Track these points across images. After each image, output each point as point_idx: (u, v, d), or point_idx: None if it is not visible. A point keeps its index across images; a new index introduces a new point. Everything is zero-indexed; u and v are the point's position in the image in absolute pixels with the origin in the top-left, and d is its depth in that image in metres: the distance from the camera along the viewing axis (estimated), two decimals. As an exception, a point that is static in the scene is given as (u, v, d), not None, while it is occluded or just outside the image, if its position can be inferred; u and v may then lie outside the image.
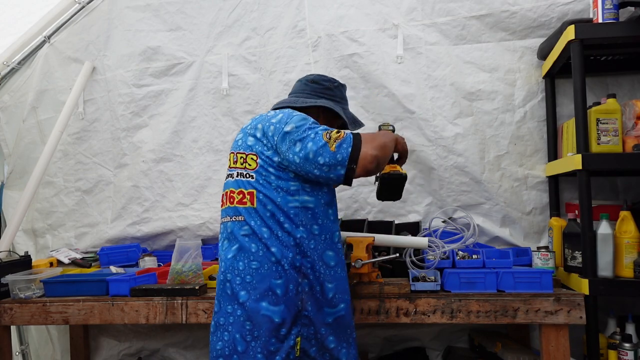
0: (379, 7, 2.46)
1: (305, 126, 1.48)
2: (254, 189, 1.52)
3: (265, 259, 1.49)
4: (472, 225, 2.13)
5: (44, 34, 2.83)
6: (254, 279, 1.48)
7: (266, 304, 1.47)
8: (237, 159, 1.58)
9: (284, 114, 1.53)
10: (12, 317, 2.08)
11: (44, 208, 2.86)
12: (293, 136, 1.47)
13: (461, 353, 2.36)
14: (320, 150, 1.43)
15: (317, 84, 1.73)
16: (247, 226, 1.51)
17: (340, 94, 1.77)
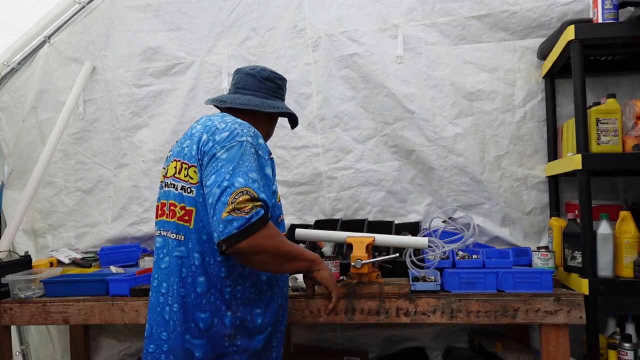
0: (379, 7, 2.46)
1: (232, 165, 1.29)
2: (193, 207, 1.36)
3: (192, 290, 1.36)
4: (472, 225, 2.13)
5: (44, 34, 2.83)
6: (182, 308, 1.37)
7: (189, 337, 1.36)
8: (181, 168, 1.40)
9: (229, 134, 1.35)
10: (12, 317, 2.08)
11: (44, 208, 2.86)
12: (217, 165, 1.30)
13: (461, 353, 2.36)
14: (217, 204, 1.24)
15: (272, 83, 1.61)
16: (184, 248, 1.38)
17: (284, 92, 1.70)
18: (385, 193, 2.49)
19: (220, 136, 1.34)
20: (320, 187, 2.54)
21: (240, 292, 1.39)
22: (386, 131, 2.47)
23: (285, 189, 2.56)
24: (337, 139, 2.51)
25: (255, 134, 1.40)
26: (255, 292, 1.43)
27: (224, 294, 1.37)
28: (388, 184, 2.48)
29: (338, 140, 2.51)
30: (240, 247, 1.23)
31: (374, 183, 2.49)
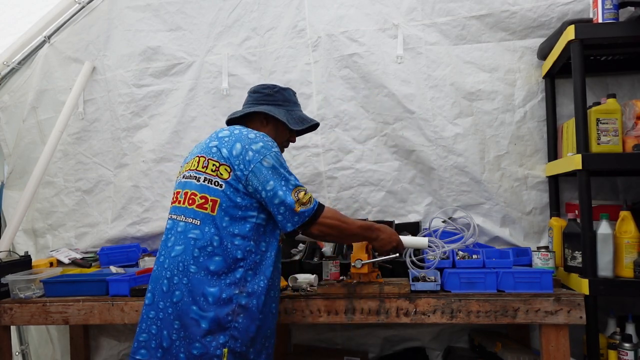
0: (379, 7, 2.46)
1: (280, 170, 1.57)
2: (218, 198, 1.55)
3: (204, 267, 1.52)
4: (472, 225, 2.13)
5: (44, 34, 2.83)
6: (190, 282, 1.51)
7: (196, 308, 1.49)
8: (208, 164, 1.59)
9: (264, 144, 1.58)
10: (12, 317, 2.08)
11: (44, 208, 2.86)
12: (268, 173, 1.55)
13: (461, 353, 2.36)
14: (286, 204, 1.54)
15: (257, 93, 1.79)
16: (199, 231, 1.54)
17: (283, 97, 1.79)
18: (385, 193, 2.49)
19: (257, 146, 1.57)
20: (321, 187, 2.54)
21: (251, 276, 1.55)
22: (386, 131, 2.47)
23: (285, 189, 2.56)
24: (337, 139, 2.51)
25: (274, 142, 1.65)
26: (264, 280, 1.57)
27: (236, 273, 1.52)
28: (388, 184, 2.48)
29: (338, 140, 2.51)
30: (310, 232, 1.60)
31: (374, 183, 2.49)
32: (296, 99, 1.85)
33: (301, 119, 1.81)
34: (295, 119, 1.78)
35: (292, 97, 1.83)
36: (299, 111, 1.84)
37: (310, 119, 1.85)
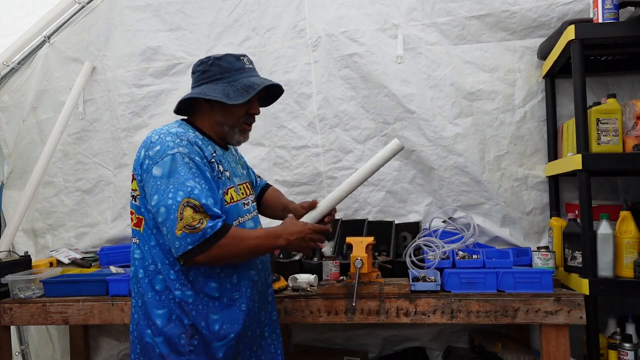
0: (379, 7, 2.46)
1: (170, 179, 1.35)
2: (142, 216, 1.44)
3: (151, 287, 1.44)
4: (472, 225, 2.13)
5: (44, 34, 2.83)
6: (144, 304, 1.46)
7: (150, 331, 1.44)
8: (133, 179, 1.48)
9: (161, 147, 1.38)
10: (12, 317, 2.07)
11: (44, 208, 2.86)
12: (155, 184, 1.36)
13: (461, 353, 2.36)
14: (167, 224, 1.34)
15: (195, 74, 1.55)
16: (140, 250, 1.47)
17: (220, 69, 1.49)
18: (385, 193, 2.48)
19: (153, 151, 1.39)
20: (320, 187, 2.54)
21: (192, 297, 1.44)
22: (386, 131, 2.47)
23: (285, 189, 2.56)
24: (337, 139, 2.51)
25: (190, 141, 1.41)
26: (207, 298, 1.44)
27: (176, 296, 1.43)
28: (388, 184, 2.48)
29: (338, 140, 2.51)
30: (197, 261, 1.37)
31: (374, 183, 2.49)
32: (242, 63, 1.52)
33: (246, 88, 1.46)
34: (238, 89, 1.46)
35: (233, 64, 1.51)
36: (246, 77, 1.50)
37: (263, 81, 1.51)
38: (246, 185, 1.65)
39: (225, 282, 1.47)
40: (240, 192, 1.57)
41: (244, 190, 1.61)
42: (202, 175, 1.39)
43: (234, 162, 1.63)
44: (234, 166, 1.61)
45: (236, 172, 1.61)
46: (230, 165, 1.58)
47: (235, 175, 1.58)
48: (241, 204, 1.55)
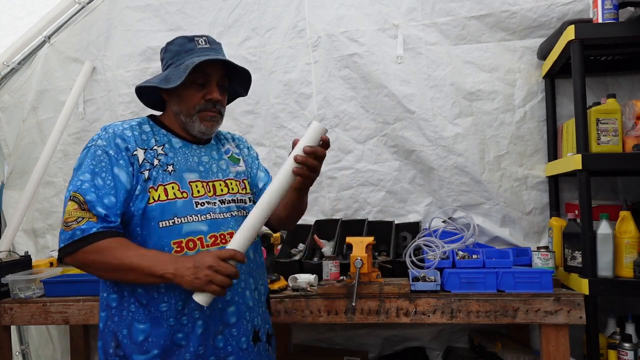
0: (379, 7, 2.46)
1: (76, 171, 1.30)
2: None
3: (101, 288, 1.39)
4: (472, 225, 2.13)
5: (44, 34, 2.83)
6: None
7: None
8: None
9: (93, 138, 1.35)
10: (12, 317, 2.08)
11: (44, 208, 2.86)
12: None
13: (461, 353, 2.36)
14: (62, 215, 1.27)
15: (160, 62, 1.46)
16: None
17: (170, 54, 1.40)
18: (385, 193, 2.49)
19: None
20: (320, 187, 2.54)
21: (115, 300, 1.32)
22: (386, 131, 2.47)
23: (285, 189, 2.56)
24: (337, 139, 2.51)
25: (115, 132, 1.33)
26: (136, 304, 1.30)
27: (102, 298, 1.36)
28: (388, 184, 2.48)
29: (338, 140, 2.51)
30: (66, 261, 1.27)
31: (374, 183, 2.49)
32: (195, 44, 1.38)
33: (185, 69, 1.32)
34: (180, 72, 1.33)
35: (184, 46, 1.39)
36: (192, 57, 1.35)
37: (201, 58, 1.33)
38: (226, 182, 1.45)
39: (152, 289, 1.29)
40: (196, 189, 1.36)
41: (214, 187, 1.41)
42: (109, 170, 1.28)
43: (206, 156, 1.45)
44: (199, 161, 1.42)
45: (199, 168, 1.41)
46: (188, 160, 1.40)
47: (192, 170, 1.39)
48: (191, 202, 1.34)
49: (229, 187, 1.46)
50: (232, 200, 1.45)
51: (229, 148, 1.56)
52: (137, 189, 1.30)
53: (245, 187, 1.52)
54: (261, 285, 1.51)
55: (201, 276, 1.15)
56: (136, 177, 1.31)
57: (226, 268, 1.17)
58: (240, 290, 1.38)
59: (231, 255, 1.18)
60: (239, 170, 1.54)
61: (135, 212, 1.29)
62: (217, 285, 1.15)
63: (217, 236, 1.36)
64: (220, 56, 1.39)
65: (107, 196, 1.26)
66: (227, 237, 1.36)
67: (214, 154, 1.49)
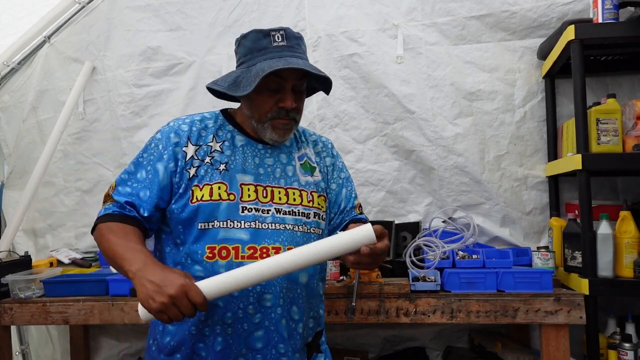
0: (379, 7, 2.46)
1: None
2: None
3: None
4: (472, 225, 2.13)
5: (44, 34, 2.82)
6: None
7: None
8: None
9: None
10: (12, 317, 2.07)
11: (44, 208, 2.86)
12: None
13: (461, 353, 2.36)
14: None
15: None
16: None
17: (244, 50, 1.29)
18: (385, 193, 2.49)
19: None
20: (320, 187, 2.54)
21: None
22: (386, 131, 2.47)
23: (285, 189, 2.56)
24: (337, 139, 2.51)
25: (172, 128, 1.29)
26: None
27: None
28: (388, 184, 2.48)
29: (338, 140, 2.51)
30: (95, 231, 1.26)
31: (374, 183, 2.49)
32: (269, 41, 1.24)
33: (255, 75, 1.19)
34: (252, 76, 1.21)
35: (257, 43, 1.25)
36: (265, 60, 1.22)
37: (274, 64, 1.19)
38: (287, 191, 1.30)
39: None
40: (247, 192, 1.25)
41: (272, 194, 1.28)
42: (152, 164, 1.26)
43: (271, 159, 1.32)
44: (260, 163, 1.30)
45: (257, 171, 1.29)
46: (247, 160, 1.29)
47: (248, 172, 1.27)
48: (237, 206, 1.23)
49: (290, 196, 1.30)
50: (289, 212, 1.28)
51: (306, 153, 1.40)
52: (180, 186, 1.24)
53: (312, 200, 1.33)
54: (310, 319, 1.32)
55: (157, 300, 1.01)
56: (180, 173, 1.25)
57: (186, 307, 1.02)
58: (273, 315, 1.23)
59: (195, 302, 1.03)
60: (310, 181, 1.36)
61: (176, 210, 1.24)
62: (167, 317, 1.03)
63: (257, 248, 1.22)
64: (295, 59, 1.23)
65: (144, 189, 1.24)
66: (271, 251, 1.22)
67: (283, 157, 1.35)
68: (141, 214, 1.23)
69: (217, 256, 1.21)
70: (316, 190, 1.36)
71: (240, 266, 1.14)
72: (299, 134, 1.44)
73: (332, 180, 1.43)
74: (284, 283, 1.24)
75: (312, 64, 1.27)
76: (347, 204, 1.44)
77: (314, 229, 1.32)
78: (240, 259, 1.20)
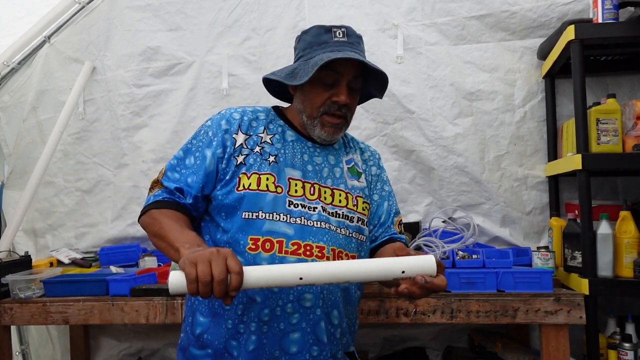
0: (379, 7, 2.46)
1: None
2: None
3: None
4: (472, 225, 2.13)
5: (44, 34, 2.82)
6: None
7: None
8: None
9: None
10: (12, 317, 2.07)
11: (44, 208, 2.86)
12: None
13: (461, 353, 2.36)
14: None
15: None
16: None
17: (304, 44, 1.29)
18: (385, 193, 2.48)
19: None
20: (320, 187, 2.54)
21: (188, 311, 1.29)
22: (386, 131, 2.47)
23: (285, 189, 2.56)
24: (337, 139, 2.51)
25: (223, 115, 1.29)
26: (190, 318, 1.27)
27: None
28: (388, 184, 2.48)
29: (338, 140, 2.51)
30: (139, 223, 1.25)
31: (374, 183, 2.49)
32: (331, 36, 1.24)
33: (314, 65, 1.18)
34: (310, 67, 1.20)
35: (318, 38, 1.25)
36: (326, 52, 1.21)
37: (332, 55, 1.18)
38: (333, 191, 1.28)
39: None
40: (295, 187, 1.23)
41: (319, 192, 1.25)
42: (201, 150, 1.25)
43: (320, 158, 1.30)
44: (309, 160, 1.29)
45: (306, 167, 1.27)
46: (296, 156, 1.27)
47: (296, 167, 1.25)
48: (284, 200, 1.20)
49: (336, 197, 1.27)
50: (334, 213, 1.25)
51: (354, 158, 1.38)
52: (227, 172, 1.22)
53: (357, 205, 1.30)
54: (347, 326, 1.28)
55: (195, 257, 0.93)
56: (227, 160, 1.23)
57: (220, 269, 0.91)
58: (312, 316, 1.18)
59: (231, 269, 0.92)
60: (357, 185, 1.34)
61: (220, 196, 1.21)
62: (195, 277, 0.91)
63: (301, 245, 1.18)
64: (355, 53, 1.21)
65: (191, 175, 1.22)
66: (315, 249, 1.18)
67: (331, 158, 1.33)
68: (188, 200, 1.22)
69: (260, 248, 1.17)
70: (362, 196, 1.33)
71: (283, 261, 1.13)
72: (347, 140, 1.43)
73: (375, 192, 1.39)
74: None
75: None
76: (387, 219, 1.39)
77: (356, 234, 1.28)
78: (284, 254, 1.17)
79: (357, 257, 1.28)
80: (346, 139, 1.43)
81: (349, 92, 1.25)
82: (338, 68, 1.21)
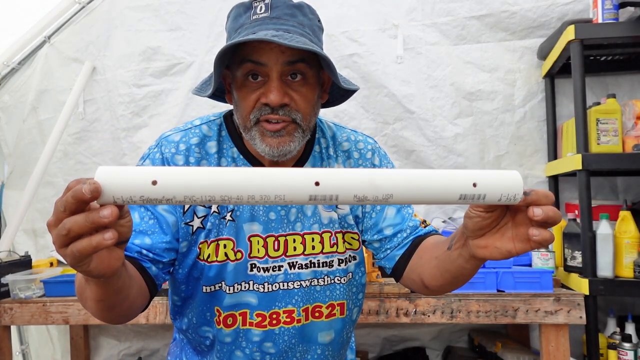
0: (378, 7, 2.46)
1: None
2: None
3: None
4: (472, 225, 2.13)
5: (44, 34, 2.82)
6: None
7: None
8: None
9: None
10: (12, 317, 2.08)
11: (44, 208, 2.86)
12: None
13: (461, 353, 2.36)
14: None
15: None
16: None
17: (227, 33, 0.99)
18: (385, 193, 2.48)
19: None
20: (320, 187, 2.54)
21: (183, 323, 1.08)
22: (386, 131, 2.47)
23: (285, 189, 2.56)
24: (337, 139, 2.51)
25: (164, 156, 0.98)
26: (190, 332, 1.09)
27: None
28: (388, 184, 2.48)
29: (338, 140, 2.51)
30: None
31: (374, 183, 2.49)
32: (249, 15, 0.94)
33: (216, 64, 0.91)
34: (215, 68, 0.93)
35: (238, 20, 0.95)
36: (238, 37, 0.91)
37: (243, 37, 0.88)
38: (304, 237, 1.02)
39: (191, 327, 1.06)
40: (257, 247, 0.99)
41: (285, 245, 1.01)
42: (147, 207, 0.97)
43: None
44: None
45: (267, 216, 0.99)
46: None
47: (256, 218, 0.99)
48: (245, 266, 0.98)
49: (307, 245, 1.01)
50: (306, 265, 1.01)
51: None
52: (181, 244, 0.96)
53: (337, 243, 1.03)
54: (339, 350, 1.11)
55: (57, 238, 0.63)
56: (177, 227, 0.95)
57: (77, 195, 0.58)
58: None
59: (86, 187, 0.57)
60: (334, 218, 1.04)
61: (181, 271, 0.99)
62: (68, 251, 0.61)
63: (267, 316, 0.99)
64: (273, 31, 0.86)
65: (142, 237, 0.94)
66: (283, 315, 0.99)
67: None
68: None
69: (222, 324, 1.00)
70: (343, 228, 1.05)
71: (247, 334, 0.99)
72: (327, 144, 1.06)
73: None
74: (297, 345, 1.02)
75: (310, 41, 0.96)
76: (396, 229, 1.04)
77: (338, 278, 1.04)
78: (248, 326, 1.00)
79: (347, 302, 1.07)
80: (325, 140, 1.07)
81: (285, 85, 0.91)
82: (260, 58, 0.88)
